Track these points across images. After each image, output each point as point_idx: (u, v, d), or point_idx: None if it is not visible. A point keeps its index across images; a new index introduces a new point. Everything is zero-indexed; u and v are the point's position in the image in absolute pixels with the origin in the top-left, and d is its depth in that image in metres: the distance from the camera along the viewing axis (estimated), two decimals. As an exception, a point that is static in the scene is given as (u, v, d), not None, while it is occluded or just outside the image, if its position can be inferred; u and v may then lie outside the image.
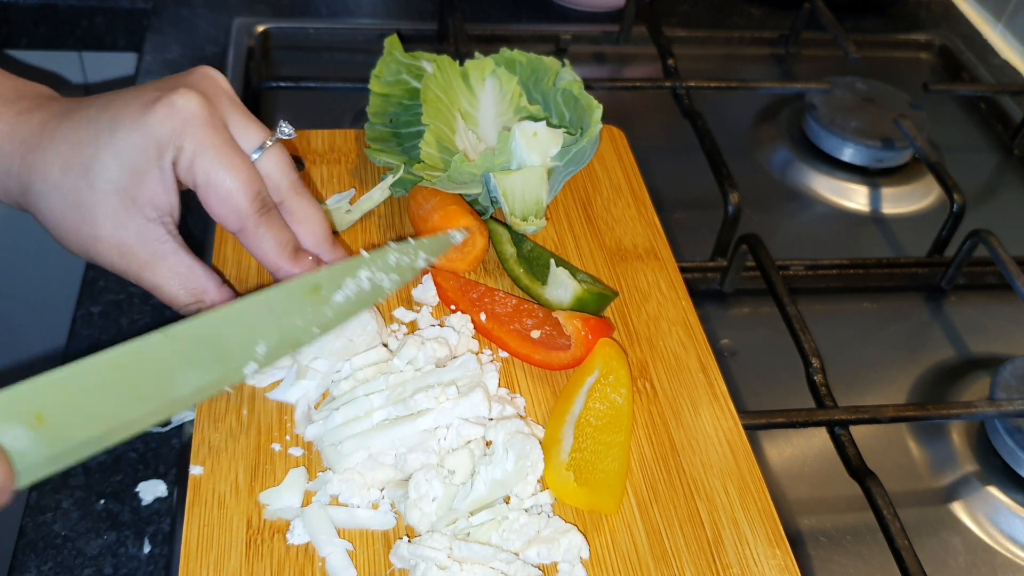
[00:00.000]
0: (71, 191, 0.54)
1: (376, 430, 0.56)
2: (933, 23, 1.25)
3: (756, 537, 0.57)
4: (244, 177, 0.56)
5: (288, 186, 0.60)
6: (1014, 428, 0.72)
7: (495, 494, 0.55)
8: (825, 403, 0.69)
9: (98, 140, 0.54)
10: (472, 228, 0.68)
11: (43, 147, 0.55)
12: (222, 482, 0.55)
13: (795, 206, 0.97)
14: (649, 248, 0.74)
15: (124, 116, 0.54)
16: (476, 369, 0.60)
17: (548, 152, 0.70)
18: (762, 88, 1.09)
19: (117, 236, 0.55)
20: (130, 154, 0.54)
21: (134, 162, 0.54)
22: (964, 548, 0.68)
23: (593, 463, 0.57)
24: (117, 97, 0.56)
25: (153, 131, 0.54)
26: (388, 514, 0.55)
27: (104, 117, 0.55)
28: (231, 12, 1.09)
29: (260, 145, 0.58)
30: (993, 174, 1.05)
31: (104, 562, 0.59)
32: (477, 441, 0.57)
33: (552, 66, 0.77)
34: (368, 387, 0.59)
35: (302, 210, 0.60)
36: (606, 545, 0.55)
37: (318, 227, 0.61)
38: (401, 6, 1.14)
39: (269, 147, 0.58)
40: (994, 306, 0.87)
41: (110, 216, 0.55)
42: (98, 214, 0.55)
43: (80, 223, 0.55)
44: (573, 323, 0.63)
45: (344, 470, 0.56)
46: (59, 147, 0.55)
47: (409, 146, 0.75)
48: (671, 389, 0.64)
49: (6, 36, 1.10)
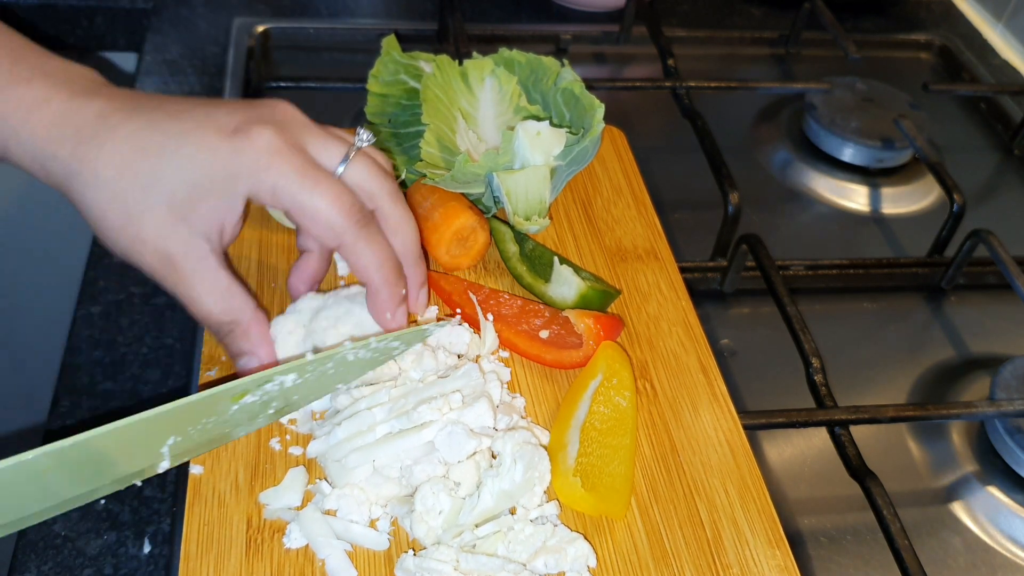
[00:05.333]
0: (122, 193, 0.54)
1: (380, 443, 0.56)
2: (933, 23, 1.25)
3: (756, 537, 0.57)
4: (331, 194, 0.55)
5: (381, 192, 0.59)
6: (1014, 428, 0.72)
7: (502, 505, 0.54)
8: (825, 403, 0.69)
9: (163, 151, 0.54)
10: (474, 224, 0.68)
11: (99, 141, 0.54)
12: (222, 481, 0.55)
13: (795, 206, 0.97)
14: (649, 248, 0.74)
15: (196, 136, 0.54)
16: (479, 378, 0.59)
17: (551, 152, 0.70)
18: (762, 88, 1.09)
19: (162, 244, 0.55)
20: (195, 174, 0.54)
21: (198, 183, 0.54)
22: (964, 548, 0.68)
23: (600, 467, 0.57)
24: (189, 109, 0.56)
25: (229, 161, 0.54)
26: (383, 534, 0.54)
27: (172, 129, 0.54)
28: (231, 12, 1.09)
29: (343, 158, 0.57)
30: (993, 174, 1.05)
31: (104, 562, 0.59)
32: (483, 452, 0.56)
33: (551, 66, 0.78)
34: (370, 400, 0.58)
35: (394, 217, 0.59)
36: (606, 546, 0.55)
37: (408, 237, 0.60)
38: (401, 6, 1.14)
39: (352, 158, 0.58)
40: (994, 306, 0.87)
41: (157, 225, 0.54)
42: (146, 221, 0.54)
43: (126, 224, 0.54)
44: (585, 321, 0.63)
45: (346, 484, 0.55)
46: (118, 146, 0.54)
47: (408, 146, 0.75)
48: (671, 389, 0.64)
49: (6, 36, 1.10)
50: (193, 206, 0.54)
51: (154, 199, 0.54)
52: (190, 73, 1.00)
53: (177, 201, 0.54)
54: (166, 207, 0.54)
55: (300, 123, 0.58)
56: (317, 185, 0.55)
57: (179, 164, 0.54)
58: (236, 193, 0.55)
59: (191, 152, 0.54)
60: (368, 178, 0.58)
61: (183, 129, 0.54)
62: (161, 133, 0.54)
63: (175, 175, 0.54)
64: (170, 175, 0.54)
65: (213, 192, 0.54)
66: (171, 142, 0.54)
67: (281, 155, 0.55)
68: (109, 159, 0.54)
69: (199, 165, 0.54)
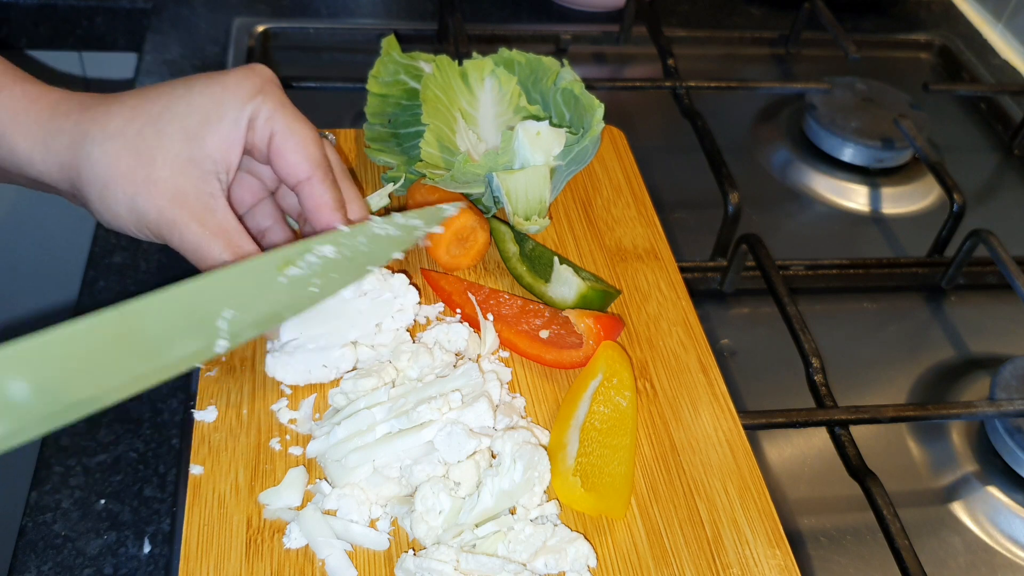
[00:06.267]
0: (134, 136, 0.55)
1: (380, 443, 0.56)
2: (933, 23, 1.25)
3: (756, 537, 0.57)
4: (313, 128, 0.60)
5: (340, 171, 0.63)
6: (1014, 428, 0.72)
7: (502, 505, 0.54)
8: (825, 403, 0.69)
9: (173, 92, 0.57)
10: (473, 224, 0.68)
11: (107, 103, 0.57)
12: (222, 482, 0.55)
13: (795, 206, 0.97)
14: (649, 248, 0.74)
15: (198, 78, 0.58)
16: (478, 377, 0.59)
17: (551, 151, 0.70)
18: (762, 88, 1.09)
19: (174, 181, 0.55)
20: (204, 104, 0.57)
21: (207, 111, 0.57)
22: (964, 548, 0.68)
23: (599, 467, 0.57)
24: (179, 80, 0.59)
25: (234, 86, 0.57)
26: (383, 534, 0.54)
27: (176, 82, 0.58)
28: (231, 12, 1.09)
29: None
30: (993, 174, 1.05)
31: (104, 562, 0.59)
32: (483, 452, 0.56)
33: (551, 66, 0.78)
34: (369, 400, 0.58)
35: (352, 190, 0.63)
36: (606, 545, 0.55)
37: (364, 211, 0.64)
38: (401, 6, 1.14)
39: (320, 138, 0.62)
40: (994, 306, 0.87)
41: (171, 160, 0.56)
42: (158, 156, 0.55)
43: (136, 167, 0.55)
44: (585, 321, 0.63)
45: (346, 484, 0.55)
46: (127, 100, 0.57)
47: (408, 146, 0.75)
48: (671, 389, 0.64)
49: (6, 36, 1.10)
50: (206, 136, 0.56)
51: (168, 133, 0.56)
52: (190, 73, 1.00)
53: (192, 132, 0.56)
54: (182, 140, 0.56)
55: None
56: (306, 121, 0.60)
57: (190, 99, 0.57)
58: (242, 116, 0.57)
59: (200, 88, 0.57)
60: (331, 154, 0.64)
61: (186, 81, 0.58)
62: (167, 85, 0.58)
63: (186, 108, 0.56)
64: (182, 108, 0.56)
65: (223, 118, 0.57)
66: (179, 87, 0.58)
67: (279, 87, 0.60)
68: (119, 111, 0.56)
69: (207, 96, 0.57)
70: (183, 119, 0.56)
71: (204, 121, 0.56)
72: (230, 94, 0.57)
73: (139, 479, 0.63)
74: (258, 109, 0.58)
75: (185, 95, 0.57)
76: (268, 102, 0.58)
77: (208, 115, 0.57)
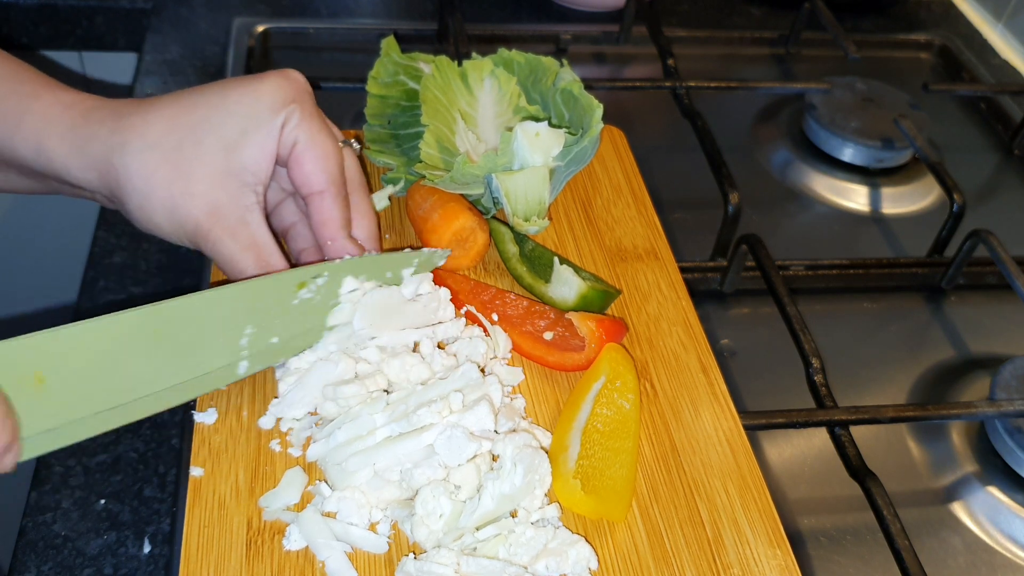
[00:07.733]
0: (173, 147, 0.56)
1: (380, 447, 0.55)
2: (933, 23, 1.25)
3: (756, 537, 0.57)
4: (338, 146, 0.61)
5: (357, 182, 0.64)
6: (1014, 428, 0.72)
7: (502, 508, 0.54)
8: (825, 403, 0.69)
9: (209, 101, 0.58)
10: (473, 225, 0.68)
11: (143, 111, 0.57)
12: (222, 483, 0.55)
13: (795, 206, 0.97)
14: (649, 248, 0.74)
15: (233, 86, 0.59)
16: (478, 379, 0.59)
17: (550, 152, 0.70)
18: (762, 88, 1.09)
19: (212, 194, 0.56)
20: (241, 113, 0.57)
21: (244, 122, 0.57)
22: (964, 548, 0.68)
23: (601, 470, 0.57)
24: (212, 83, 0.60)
25: (268, 95, 0.58)
26: (382, 538, 0.54)
27: (210, 89, 0.59)
28: (231, 12, 1.09)
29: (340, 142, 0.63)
30: (993, 174, 1.05)
31: (104, 562, 0.59)
32: (483, 455, 0.56)
33: (550, 66, 0.78)
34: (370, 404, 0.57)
35: (363, 205, 0.64)
36: (607, 546, 0.55)
37: (373, 225, 0.65)
38: (401, 6, 1.14)
39: (344, 147, 0.63)
40: (994, 306, 0.87)
41: (209, 173, 0.56)
42: (196, 168, 0.56)
43: (174, 178, 0.56)
44: (587, 324, 0.63)
45: (346, 487, 0.55)
46: (164, 109, 0.57)
47: (408, 147, 0.75)
48: (671, 389, 0.64)
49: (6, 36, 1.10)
50: (243, 148, 0.57)
51: (207, 145, 0.56)
52: (190, 73, 1.00)
53: (230, 144, 0.57)
54: (220, 153, 0.57)
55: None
56: (332, 134, 0.61)
57: (228, 109, 0.57)
58: (275, 126, 0.58)
59: (236, 98, 0.58)
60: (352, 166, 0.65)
61: (221, 87, 0.59)
62: (201, 93, 0.59)
63: (225, 118, 0.57)
64: (220, 119, 0.57)
65: (258, 129, 0.58)
66: (215, 94, 0.58)
67: (310, 95, 0.61)
68: (156, 120, 0.56)
69: (244, 106, 0.58)
70: (220, 130, 0.57)
71: (241, 132, 0.57)
72: (264, 104, 0.58)
73: (139, 479, 0.63)
74: (288, 117, 0.58)
75: (221, 104, 0.57)
76: (298, 111, 0.59)
77: (245, 126, 0.57)
